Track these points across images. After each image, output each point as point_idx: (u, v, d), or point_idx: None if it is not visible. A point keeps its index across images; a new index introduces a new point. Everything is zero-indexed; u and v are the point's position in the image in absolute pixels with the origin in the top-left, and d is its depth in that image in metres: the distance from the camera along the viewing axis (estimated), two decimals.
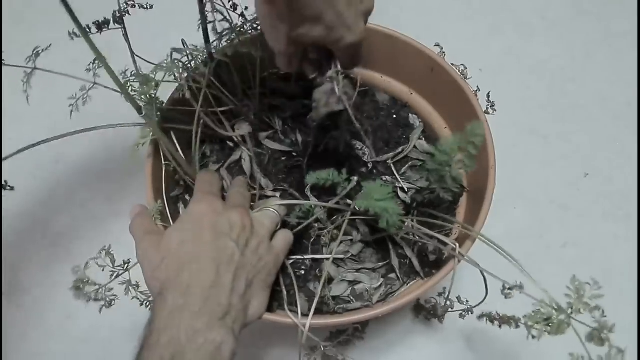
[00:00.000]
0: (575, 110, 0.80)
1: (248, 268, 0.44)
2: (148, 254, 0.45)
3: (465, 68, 0.59)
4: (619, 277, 0.68)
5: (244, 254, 0.45)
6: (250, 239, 0.46)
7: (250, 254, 0.45)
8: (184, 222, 0.46)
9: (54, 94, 0.66)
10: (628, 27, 0.86)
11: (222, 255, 0.43)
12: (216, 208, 0.47)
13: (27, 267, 0.69)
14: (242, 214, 0.46)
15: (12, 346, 0.65)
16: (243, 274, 0.44)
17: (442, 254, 0.54)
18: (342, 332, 0.53)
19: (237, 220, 0.46)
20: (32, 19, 0.86)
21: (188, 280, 0.41)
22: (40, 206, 0.73)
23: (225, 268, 0.43)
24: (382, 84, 0.66)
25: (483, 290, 0.49)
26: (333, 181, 0.49)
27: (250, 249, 0.45)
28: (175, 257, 0.43)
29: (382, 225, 0.45)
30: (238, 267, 0.43)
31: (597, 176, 0.75)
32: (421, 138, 0.62)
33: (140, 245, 0.47)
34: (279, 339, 0.64)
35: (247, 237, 0.45)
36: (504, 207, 0.72)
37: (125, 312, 0.58)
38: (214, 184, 0.52)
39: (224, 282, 0.42)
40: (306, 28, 0.41)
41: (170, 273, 0.43)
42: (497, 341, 0.64)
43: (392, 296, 0.53)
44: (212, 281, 0.41)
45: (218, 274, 0.42)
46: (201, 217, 0.46)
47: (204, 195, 0.49)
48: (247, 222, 0.46)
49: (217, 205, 0.47)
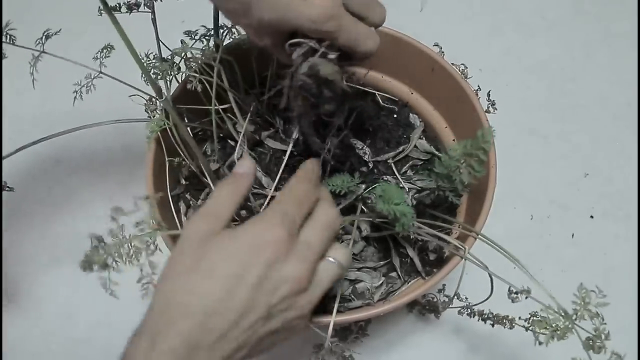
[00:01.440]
0: (575, 110, 0.80)
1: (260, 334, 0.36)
2: (183, 255, 0.37)
3: (465, 68, 0.59)
4: (619, 277, 0.68)
5: (269, 322, 0.36)
6: (291, 308, 0.37)
7: (278, 322, 0.37)
8: (237, 243, 0.36)
9: (54, 94, 0.66)
10: (628, 27, 0.86)
11: (244, 318, 0.35)
12: (280, 247, 0.36)
13: (27, 267, 0.69)
14: (304, 270, 0.36)
15: (12, 346, 0.65)
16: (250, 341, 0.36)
17: (442, 253, 0.54)
18: (345, 330, 0.53)
19: (291, 280, 0.36)
20: (31, 19, 0.86)
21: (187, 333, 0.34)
22: (40, 206, 0.73)
23: (236, 334, 0.35)
24: (383, 84, 0.66)
25: (482, 289, 0.49)
26: (348, 188, 0.49)
27: (282, 316, 0.37)
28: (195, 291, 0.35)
29: (398, 229, 0.45)
30: (251, 335, 0.36)
31: (597, 176, 0.75)
32: (422, 138, 0.63)
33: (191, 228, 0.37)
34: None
35: (289, 303, 0.37)
36: (504, 207, 0.72)
37: (125, 312, 0.57)
38: (310, 193, 0.40)
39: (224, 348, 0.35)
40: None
41: (174, 308, 0.35)
42: (499, 343, 0.64)
43: (393, 295, 0.53)
44: (210, 346, 0.34)
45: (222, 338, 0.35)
46: (258, 251, 0.36)
47: (282, 218, 0.37)
48: (303, 284, 0.37)
49: (283, 243, 0.36)
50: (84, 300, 0.66)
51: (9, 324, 0.66)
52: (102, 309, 0.65)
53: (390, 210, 0.44)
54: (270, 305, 0.36)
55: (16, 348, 0.65)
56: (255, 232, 0.37)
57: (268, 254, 0.36)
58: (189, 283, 0.35)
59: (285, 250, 0.36)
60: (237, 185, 0.41)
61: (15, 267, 0.69)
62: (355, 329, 0.54)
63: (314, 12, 0.38)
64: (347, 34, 0.40)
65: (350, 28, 0.40)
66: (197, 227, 0.38)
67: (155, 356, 0.33)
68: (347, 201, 0.52)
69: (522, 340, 0.41)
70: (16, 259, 0.69)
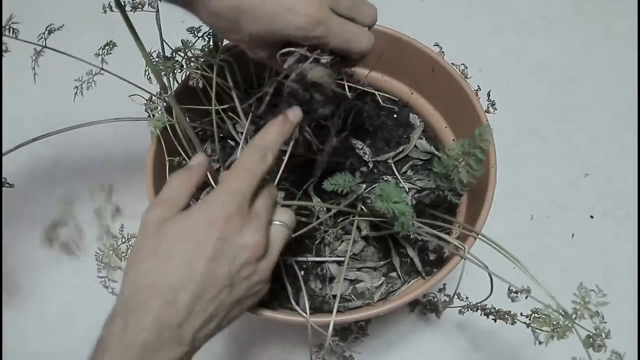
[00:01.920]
0: (575, 110, 0.80)
1: (227, 304, 0.38)
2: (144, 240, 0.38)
3: (465, 68, 0.59)
4: (619, 277, 0.68)
5: (234, 289, 0.38)
6: (254, 273, 0.39)
7: (242, 289, 0.39)
8: (190, 223, 0.38)
9: (54, 93, 0.66)
10: (628, 27, 0.86)
11: (207, 290, 0.37)
12: (232, 220, 0.38)
13: (27, 267, 0.69)
14: (260, 237, 0.39)
15: (12, 346, 0.65)
16: (219, 312, 0.38)
17: (442, 253, 0.54)
18: (345, 330, 0.53)
19: (250, 247, 0.38)
20: (31, 19, 0.86)
21: (157, 311, 0.35)
22: (40, 206, 0.73)
23: (202, 306, 0.37)
24: (383, 84, 0.66)
25: (482, 288, 0.49)
26: (350, 188, 0.49)
27: (246, 283, 0.39)
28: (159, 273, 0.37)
29: (397, 228, 0.45)
30: (218, 305, 0.38)
31: (597, 176, 0.75)
32: (422, 137, 0.63)
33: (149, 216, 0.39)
34: (279, 338, 0.64)
35: (251, 270, 0.39)
36: (504, 207, 0.72)
37: None
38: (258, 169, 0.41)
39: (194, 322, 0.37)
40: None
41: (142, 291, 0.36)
42: (499, 342, 0.64)
43: (393, 295, 0.53)
44: (179, 322, 0.36)
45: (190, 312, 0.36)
46: (210, 226, 0.38)
47: (228, 193, 0.39)
48: (261, 250, 0.39)
49: (235, 216, 0.38)
50: (84, 300, 0.66)
51: (9, 324, 0.66)
52: (102, 309, 0.64)
53: (389, 209, 0.44)
54: (231, 274, 0.38)
55: (16, 348, 0.65)
56: (208, 209, 0.38)
57: (221, 229, 0.38)
58: (152, 266, 0.37)
59: (238, 223, 0.38)
60: (190, 175, 0.42)
61: (15, 267, 0.69)
62: (355, 329, 0.54)
63: (301, 19, 0.39)
64: (338, 37, 0.41)
65: (340, 30, 0.41)
66: (154, 214, 0.39)
67: (130, 335, 0.35)
68: (348, 200, 0.52)
69: (522, 340, 0.41)
70: (16, 259, 0.69)
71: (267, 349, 0.64)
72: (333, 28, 0.40)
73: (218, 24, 0.41)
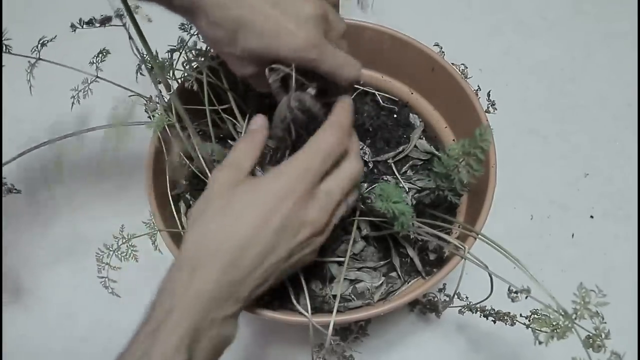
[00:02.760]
0: (575, 110, 0.80)
1: (280, 270, 0.41)
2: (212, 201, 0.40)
3: (465, 68, 0.60)
4: (619, 277, 0.68)
5: (289, 260, 0.41)
6: (308, 246, 0.42)
7: (295, 259, 0.42)
8: (262, 193, 0.40)
9: (52, 98, 0.66)
10: (628, 27, 0.86)
11: (267, 258, 0.39)
12: (302, 198, 0.39)
13: (27, 267, 0.69)
14: (323, 217, 0.41)
15: (13, 346, 0.65)
16: (271, 277, 0.41)
17: (442, 253, 0.54)
18: (345, 329, 0.53)
19: (312, 225, 0.41)
20: (32, 19, 0.86)
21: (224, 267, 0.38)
22: (40, 206, 0.73)
23: (261, 271, 0.40)
24: (383, 84, 0.66)
25: (482, 288, 0.49)
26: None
27: (299, 255, 0.42)
28: (227, 232, 0.39)
29: (397, 228, 0.45)
30: (273, 272, 0.40)
31: (597, 176, 0.75)
32: (422, 137, 0.63)
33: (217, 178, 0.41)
34: (279, 338, 0.64)
35: (308, 244, 0.42)
36: (504, 207, 0.72)
37: (125, 312, 0.57)
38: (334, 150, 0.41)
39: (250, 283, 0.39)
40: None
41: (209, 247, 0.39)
42: (499, 342, 0.64)
43: (393, 295, 0.53)
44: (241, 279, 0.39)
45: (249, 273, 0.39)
46: (281, 201, 0.39)
47: (301, 170, 0.40)
48: (321, 229, 0.41)
49: (305, 194, 0.40)
50: (84, 300, 0.66)
51: (9, 324, 0.66)
52: (102, 309, 0.65)
53: (389, 209, 0.44)
54: (290, 248, 0.40)
55: (16, 348, 0.65)
56: (282, 185, 0.40)
57: (289, 204, 0.39)
58: (220, 224, 0.39)
59: (305, 201, 0.40)
60: (253, 138, 0.44)
61: (16, 267, 0.69)
62: (355, 329, 0.54)
63: (299, 42, 0.41)
64: (330, 62, 0.43)
65: (333, 56, 0.43)
66: (222, 177, 0.41)
67: (196, 285, 0.37)
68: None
69: (522, 340, 0.41)
70: (16, 259, 0.69)
71: (267, 349, 0.64)
72: (327, 53, 0.42)
73: (215, 35, 0.42)
